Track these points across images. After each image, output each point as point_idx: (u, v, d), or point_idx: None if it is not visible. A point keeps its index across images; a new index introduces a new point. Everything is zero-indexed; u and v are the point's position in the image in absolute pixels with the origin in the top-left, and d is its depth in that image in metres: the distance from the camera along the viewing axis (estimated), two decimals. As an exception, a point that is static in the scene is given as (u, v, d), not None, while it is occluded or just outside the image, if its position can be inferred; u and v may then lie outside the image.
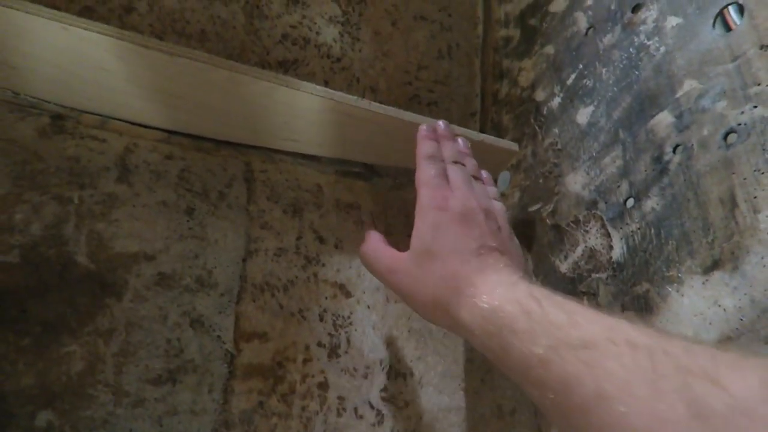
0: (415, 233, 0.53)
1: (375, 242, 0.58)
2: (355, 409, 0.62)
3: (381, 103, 0.73)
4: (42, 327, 0.54)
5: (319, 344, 0.65)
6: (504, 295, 0.45)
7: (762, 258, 0.51)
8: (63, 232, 0.60)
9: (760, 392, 0.28)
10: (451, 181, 0.57)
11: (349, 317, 0.67)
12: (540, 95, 0.85)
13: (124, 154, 0.69)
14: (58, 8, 0.61)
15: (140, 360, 0.56)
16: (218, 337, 0.60)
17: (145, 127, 0.72)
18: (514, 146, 0.81)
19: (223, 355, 0.59)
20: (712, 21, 0.61)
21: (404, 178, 0.85)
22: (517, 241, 0.61)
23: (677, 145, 0.61)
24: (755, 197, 0.52)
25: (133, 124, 0.71)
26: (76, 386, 0.52)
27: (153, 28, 0.77)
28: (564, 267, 0.72)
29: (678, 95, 0.63)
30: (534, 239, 0.77)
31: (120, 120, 0.71)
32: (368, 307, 0.69)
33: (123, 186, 0.66)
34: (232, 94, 0.68)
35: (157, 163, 0.70)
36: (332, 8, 0.89)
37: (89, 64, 0.64)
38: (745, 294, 0.51)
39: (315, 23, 0.87)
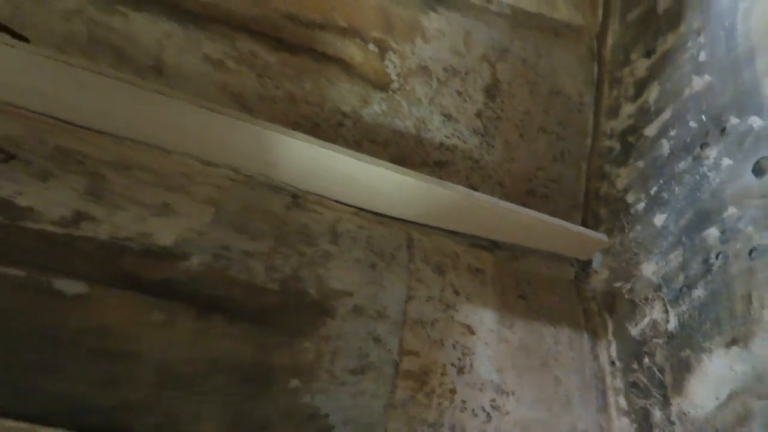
0: None
1: None
2: (473, 410, 0.92)
3: (505, 195, 1.05)
4: (289, 330, 0.91)
5: (452, 364, 0.96)
6: None
7: (764, 340, 0.75)
8: (300, 273, 0.97)
9: None
10: None
11: (472, 349, 0.98)
12: (630, 198, 1.11)
13: (334, 223, 1.06)
14: (299, 125, 1.01)
15: (343, 357, 0.90)
16: (389, 350, 0.93)
17: (346, 204, 1.09)
18: (605, 238, 1.08)
19: (391, 361, 0.92)
20: (751, 167, 0.86)
21: (518, 252, 1.15)
22: None
23: (719, 253, 0.86)
24: (763, 297, 0.77)
25: (337, 202, 1.09)
26: (310, 368, 0.88)
27: (355, 138, 1.16)
28: (634, 331, 0.98)
29: (724, 216, 0.88)
30: (615, 308, 1.03)
31: (330, 199, 1.09)
32: (486, 343, 0.99)
33: (334, 246, 1.03)
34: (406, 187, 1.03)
35: (353, 231, 1.06)
36: (476, 123, 1.22)
37: (322, 165, 1.03)
38: (750, 364, 0.75)
39: (462, 134, 1.21)
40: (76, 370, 0.81)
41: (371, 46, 1.25)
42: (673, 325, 0.90)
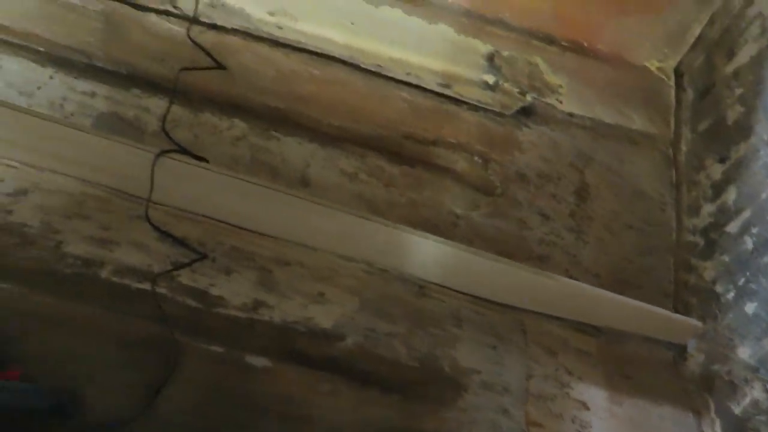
0: None
1: None
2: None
3: (601, 285, 1.21)
4: (433, 401, 1.07)
5: (570, 436, 1.09)
6: None
7: None
8: (434, 352, 1.14)
9: None
10: None
11: (588, 423, 1.11)
12: (719, 288, 1.25)
13: (456, 310, 1.24)
14: (421, 226, 1.21)
15: (480, 426, 1.05)
16: (517, 422, 1.07)
17: (463, 293, 1.27)
18: (699, 324, 1.21)
19: (519, 431, 1.07)
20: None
21: (618, 336, 1.28)
22: None
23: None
24: None
25: (456, 291, 1.27)
26: (452, 435, 1.03)
27: (468, 236, 1.35)
28: (737, 410, 1.08)
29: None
30: (714, 388, 1.15)
31: (450, 288, 1.27)
32: (600, 418, 1.12)
33: (459, 329, 1.20)
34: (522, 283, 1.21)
35: (473, 316, 1.23)
36: (570, 222, 1.41)
37: (442, 259, 1.23)
38: None
39: (559, 232, 1.39)
40: (267, 430, 0.98)
41: (476, 158, 1.47)
42: (774, 402, 1.01)
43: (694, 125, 1.55)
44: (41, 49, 1.45)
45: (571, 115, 1.59)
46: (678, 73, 1.71)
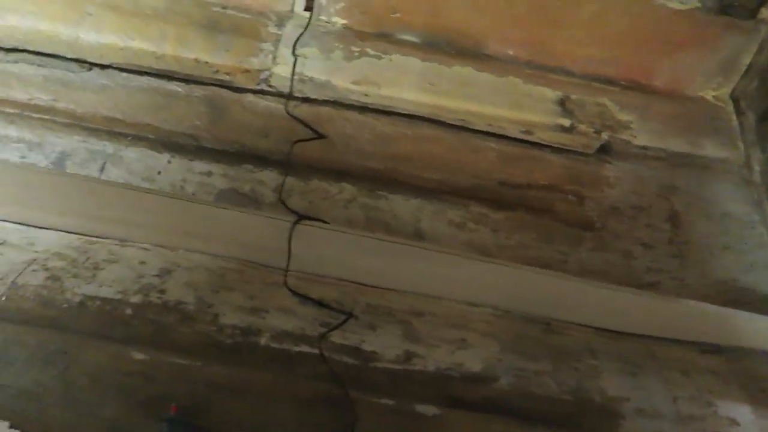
0: None
1: None
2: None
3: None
4: (587, 430, 1.12)
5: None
6: None
7: None
8: (582, 384, 1.20)
9: None
10: None
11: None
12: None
13: (587, 342, 1.30)
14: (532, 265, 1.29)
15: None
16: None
17: (585, 325, 1.33)
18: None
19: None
20: None
21: (740, 353, 1.34)
22: None
23: None
24: None
25: (579, 324, 1.33)
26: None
27: (578, 270, 1.42)
28: None
29: None
30: None
31: (573, 323, 1.33)
32: (750, 433, 1.17)
33: (595, 360, 1.25)
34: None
35: (604, 347, 1.29)
36: (670, 248, 1.48)
37: (562, 295, 1.29)
38: None
39: (664, 259, 1.46)
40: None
41: (570, 197, 1.56)
42: None
43: (762, 145, 1.65)
44: (153, 136, 1.56)
45: (645, 148, 1.69)
46: (734, 99, 1.82)
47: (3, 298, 1.17)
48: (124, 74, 1.64)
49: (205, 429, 1.02)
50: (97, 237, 1.35)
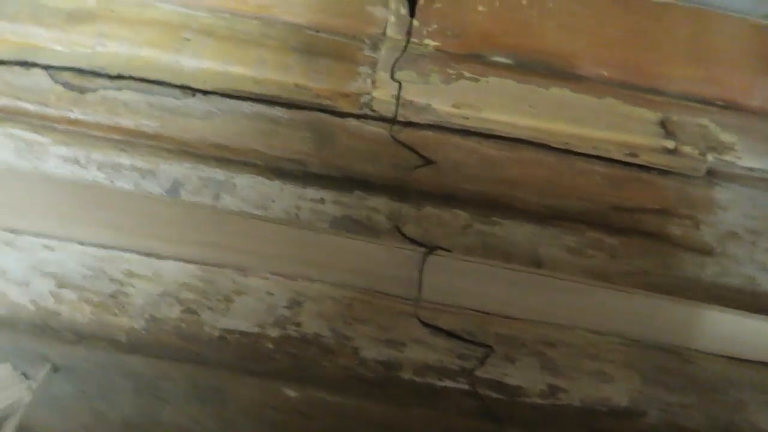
0: None
1: None
2: None
3: None
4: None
5: None
6: None
7: None
8: (733, 418, 1.17)
9: None
10: None
11: None
12: None
13: (724, 372, 1.27)
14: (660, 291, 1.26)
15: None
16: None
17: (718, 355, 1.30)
18: None
19: None
20: None
21: None
22: None
23: None
24: None
25: (713, 354, 1.30)
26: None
27: (704, 297, 1.40)
28: None
29: None
30: None
31: (705, 352, 1.30)
32: None
33: (739, 392, 1.22)
34: None
35: (745, 378, 1.26)
36: None
37: (699, 324, 1.27)
38: None
39: None
40: None
41: (685, 221, 1.54)
42: None
43: None
44: (261, 163, 1.55)
45: (751, 169, 1.66)
46: (835, 117, 1.79)
47: (144, 333, 1.16)
48: (227, 100, 1.64)
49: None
50: (217, 266, 1.35)
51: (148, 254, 1.35)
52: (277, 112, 1.64)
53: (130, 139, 1.55)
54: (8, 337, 1.14)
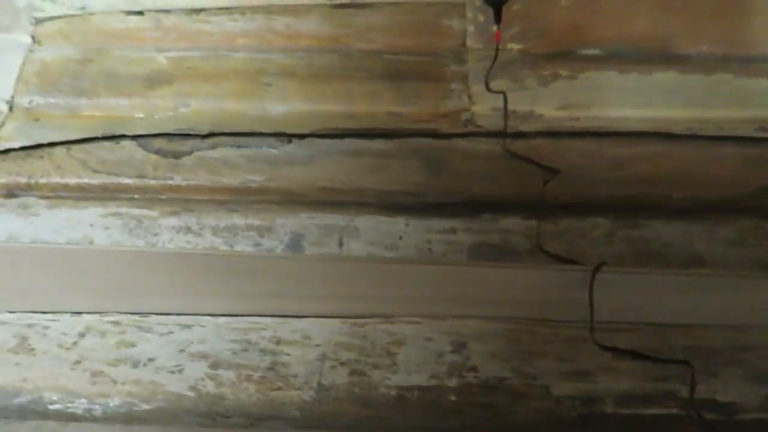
0: None
1: None
2: None
3: None
4: None
5: None
6: None
7: None
8: None
9: None
10: None
11: None
12: None
13: None
14: None
15: None
16: None
17: None
18: None
19: None
20: None
21: None
22: None
23: None
24: None
25: None
26: None
27: None
28: None
29: None
30: None
31: None
32: None
33: None
34: None
35: None
36: None
37: None
38: None
39: None
40: None
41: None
42: None
43: None
44: (376, 200, 1.47)
45: None
46: None
47: (317, 404, 1.07)
48: (325, 141, 1.56)
49: None
50: (360, 317, 1.26)
51: (284, 316, 1.26)
52: (378, 144, 1.55)
53: (238, 198, 1.48)
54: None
